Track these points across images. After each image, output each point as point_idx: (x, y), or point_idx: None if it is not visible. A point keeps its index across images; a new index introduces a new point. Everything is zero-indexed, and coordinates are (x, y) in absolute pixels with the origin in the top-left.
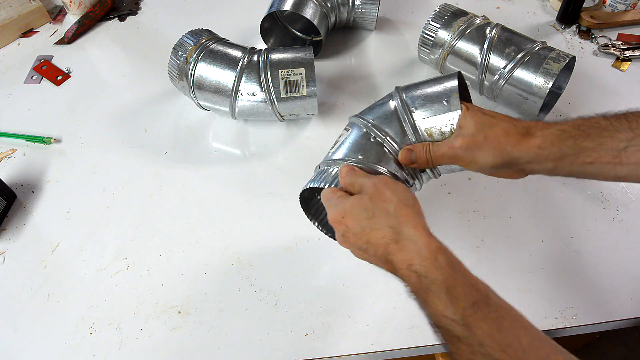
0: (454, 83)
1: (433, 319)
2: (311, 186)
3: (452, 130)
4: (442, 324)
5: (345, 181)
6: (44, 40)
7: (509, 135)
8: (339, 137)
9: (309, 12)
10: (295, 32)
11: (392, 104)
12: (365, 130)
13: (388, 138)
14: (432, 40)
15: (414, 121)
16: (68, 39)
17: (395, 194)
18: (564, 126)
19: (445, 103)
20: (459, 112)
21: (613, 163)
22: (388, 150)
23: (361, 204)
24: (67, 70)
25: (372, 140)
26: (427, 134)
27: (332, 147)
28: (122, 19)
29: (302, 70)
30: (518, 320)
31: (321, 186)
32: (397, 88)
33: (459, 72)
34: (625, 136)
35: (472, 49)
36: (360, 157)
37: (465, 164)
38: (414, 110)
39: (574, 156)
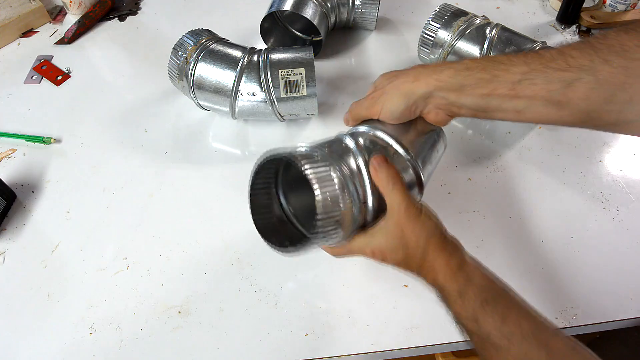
0: None
1: (455, 319)
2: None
3: None
4: (460, 322)
5: (379, 176)
6: (44, 40)
7: (407, 76)
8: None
9: (309, 12)
10: (295, 32)
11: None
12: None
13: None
14: (432, 40)
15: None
16: (68, 39)
17: (421, 226)
18: (463, 62)
19: None
20: None
21: (509, 95)
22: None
23: (394, 235)
24: (67, 70)
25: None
26: None
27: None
28: (122, 19)
29: (302, 70)
30: (525, 312)
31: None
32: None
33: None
34: (520, 69)
35: (472, 49)
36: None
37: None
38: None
39: (472, 87)
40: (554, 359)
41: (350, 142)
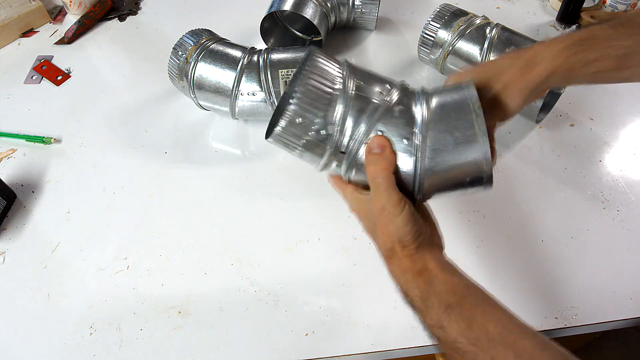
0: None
1: (423, 326)
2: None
3: None
4: (427, 328)
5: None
6: (44, 40)
7: (516, 74)
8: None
9: (309, 12)
10: (295, 32)
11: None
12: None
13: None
14: (432, 40)
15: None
16: (68, 39)
17: (392, 230)
18: (565, 43)
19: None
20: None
21: (617, 69)
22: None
23: (370, 219)
24: (67, 70)
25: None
26: None
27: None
28: (122, 19)
29: None
30: (491, 313)
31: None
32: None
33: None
34: (625, 43)
35: (472, 49)
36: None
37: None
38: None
39: (580, 69)
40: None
41: (390, 94)
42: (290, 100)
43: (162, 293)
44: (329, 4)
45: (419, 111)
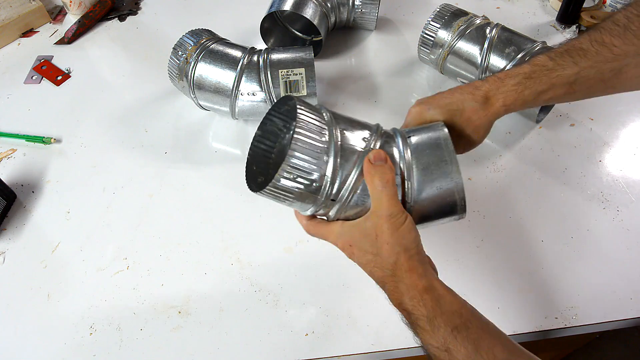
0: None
1: (424, 348)
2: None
3: None
4: (430, 352)
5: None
6: (44, 40)
7: (476, 112)
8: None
9: (309, 12)
10: (295, 32)
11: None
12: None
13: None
14: (432, 40)
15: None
16: (68, 39)
17: (398, 238)
18: (516, 79)
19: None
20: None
21: (568, 93)
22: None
23: (368, 237)
24: (67, 70)
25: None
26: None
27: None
28: (122, 19)
29: (302, 70)
30: (497, 338)
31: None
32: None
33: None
34: (572, 71)
35: (472, 49)
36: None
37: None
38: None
39: (534, 101)
40: None
41: (372, 140)
42: (283, 164)
43: (162, 293)
44: (329, 4)
45: (402, 153)
